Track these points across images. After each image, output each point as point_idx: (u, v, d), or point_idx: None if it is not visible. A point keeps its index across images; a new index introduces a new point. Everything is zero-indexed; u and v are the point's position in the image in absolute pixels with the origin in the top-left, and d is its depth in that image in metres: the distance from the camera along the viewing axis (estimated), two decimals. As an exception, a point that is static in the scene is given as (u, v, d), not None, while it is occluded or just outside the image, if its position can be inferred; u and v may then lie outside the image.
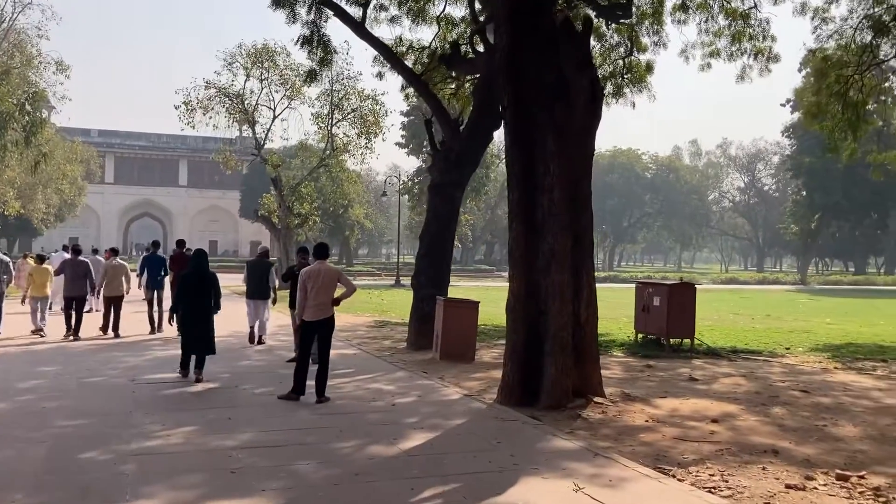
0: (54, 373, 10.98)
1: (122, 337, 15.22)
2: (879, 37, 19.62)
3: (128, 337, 15.30)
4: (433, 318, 13.88)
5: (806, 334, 19.26)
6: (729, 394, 10.22)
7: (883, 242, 76.94)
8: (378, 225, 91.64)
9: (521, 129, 9.33)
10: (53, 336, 15.05)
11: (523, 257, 9.30)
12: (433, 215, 14.95)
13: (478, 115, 15.61)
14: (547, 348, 9.10)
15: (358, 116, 36.12)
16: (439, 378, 10.99)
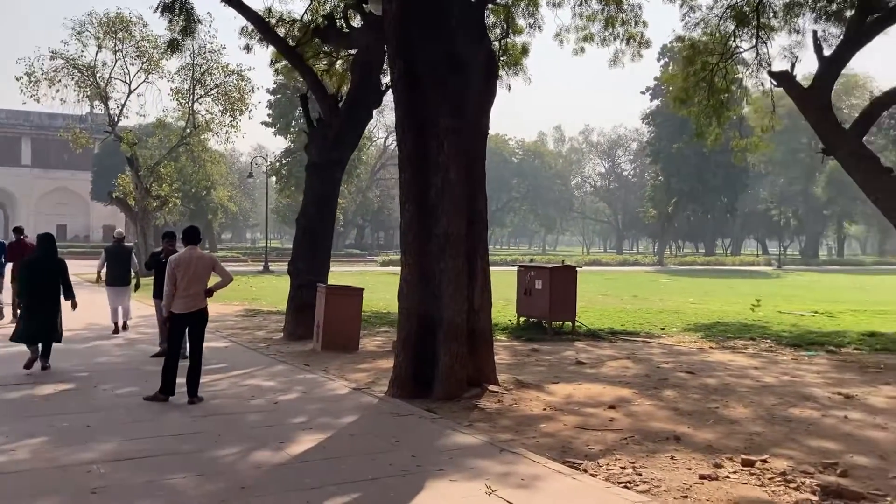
0: None
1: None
2: (741, 27, 20.42)
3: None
4: (312, 306, 13.13)
5: (675, 314, 19.90)
6: (619, 377, 10.15)
7: (730, 225, 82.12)
8: (243, 208, 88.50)
9: (412, 104, 8.76)
10: None
11: (416, 241, 8.77)
12: (311, 197, 14.14)
13: (357, 91, 14.91)
14: (441, 337, 8.63)
15: (222, 92, 34.28)
16: (323, 371, 10.31)
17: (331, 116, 14.33)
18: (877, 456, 6.50)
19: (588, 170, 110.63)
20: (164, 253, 10.42)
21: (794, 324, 17.69)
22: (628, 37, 20.08)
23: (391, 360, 11.01)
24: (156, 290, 10.95)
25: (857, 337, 14.88)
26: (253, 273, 40.49)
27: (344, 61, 19.02)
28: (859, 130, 16.94)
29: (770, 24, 20.51)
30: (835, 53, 16.59)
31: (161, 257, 10.44)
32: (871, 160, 16.35)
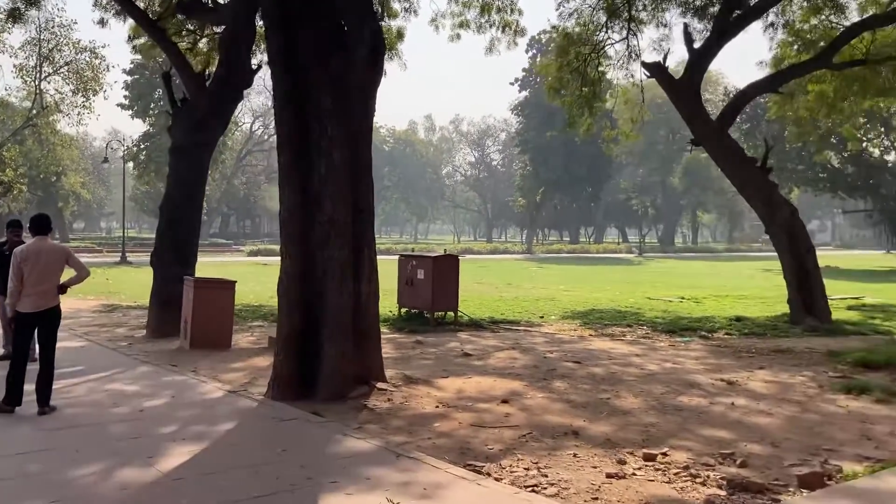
0: None
1: None
2: (613, 19, 20.82)
3: None
4: (179, 300, 12.17)
5: (551, 302, 20.10)
6: (508, 369, 9.92)
7: (594, 214, 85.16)
8: (97, 196, 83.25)
9: (293, 83, 8.09)
10: None
11: (298, 230, 8.13)
12: (176, 182, 13.09)
13: (225, 70, 13.91)
14: (326, 333, 8.06)
15: (73, 71, 31.72)
16: (193, 371, 9.47)
17: (198, 96, 13.30)
18: (768, 443, 6.53)
19: (459, 159, 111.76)
20: (9, 245, 9.22)
21: (665, 310, 18.24)
22: (504, 24, 20.06)
23: (268, 357, 10.35)
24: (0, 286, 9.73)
25: (725, 322, 15.47)
26: (109, 264, 37.95)
27: (210, 40, 17.87)
28: (725, 123, 17.62)
29: (640, 17, 21.05)
30: (703, 46, 17.13)
31: (5, 250, 9.24)
32: (736, 151, 17.03)
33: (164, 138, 48.16)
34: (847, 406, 7.99)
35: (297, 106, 8.11)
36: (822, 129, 24.93)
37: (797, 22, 19.94)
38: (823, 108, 21.49)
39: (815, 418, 7.48)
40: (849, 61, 17.81)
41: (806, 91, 20.56)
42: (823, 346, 12.42)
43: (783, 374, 9.85)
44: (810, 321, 14.77)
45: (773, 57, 21.32)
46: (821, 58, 17.71)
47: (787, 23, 19.84)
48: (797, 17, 19.89)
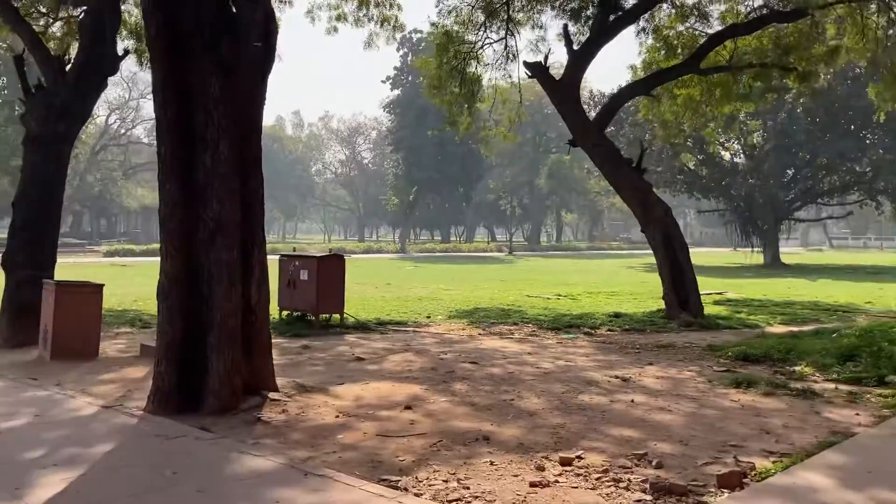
0: None
1: None
2: (491, 18, 20.92)
3: None
4: (35, 306, 11.04)
5: (434, 301, 19.92)
6: (404, 372, 9.57)
7: (464, 213, 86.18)
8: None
9: (174, 68, 7.39)
10: None
11: (180, 228, 7.44)
12: (32, 177, 11.85)
13: (87, 54, 12.79)
14: (212, 340, 7.42)
15: None
16: (57, 385, 8.52)
17: (56, 83, 12.13)
18: (677, 441, 6.53)
19: (329, 157, 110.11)
20: None
21: (546, 307, 18.47)
22: (383, 19, 19.71)
23: (142, 367, 9.56)
24: None
25: (605, 318, 15.80)
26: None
27: (66, 23, 16.44)
28: (601, 124, 18.05)
29: (517, 18, 21.27)
30: (582, 47, 17.46)
31: None
32: (613, 152, 17.45)
33: (10, 129, 44.45)
34: (739, 400, 8.19)
35: (180, 92, 7.42)
36: (686, 132, 26.09)
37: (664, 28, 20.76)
38: (688, 112, 22.49)
39: (713, 413, 7.59)
40: (714, 67, 18.69)
41: (673, 95, 21.44)
42: (701, 340, 12.89)
43: (671, 370, 10.06)
44: (685, 316, 15.33)
45: (642, 61, 22.12)
46: (689, 62, 18.46)
47: (657, 28, 20.61)
48: (664, 24, 20.69)
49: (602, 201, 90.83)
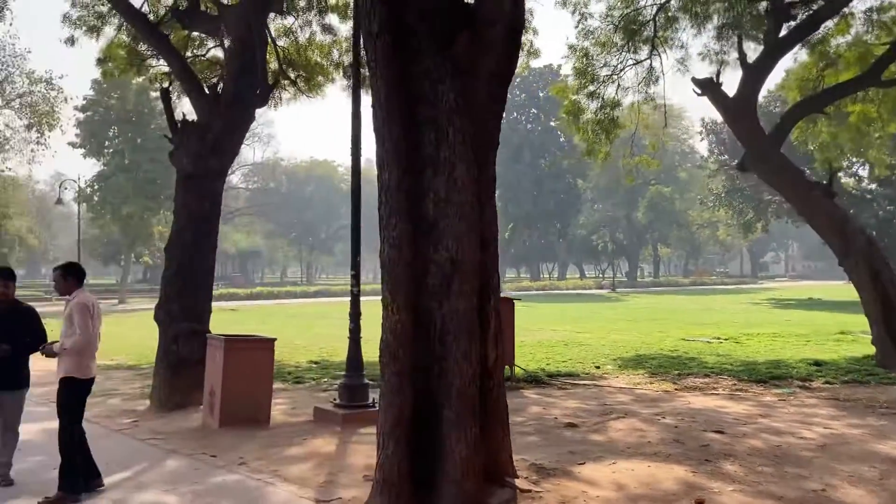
0: None
1: None
2: (635, 40, 19.28)
3: None
4: (193, 363, 9.88)
5: (581, 348, 18.05)
6: (644, 446, 7.78)
7: (557, 249, 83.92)
8: (41, 241, 78.79)
9: (400, 75, 5.96)
10: None
11: (407, 274, 5.93)
12: (186, 218, 10.74)
13: (235, 85, 11.74)
14: (449, 414, 5.83)
15: (27, 104, 28.90)
16: (241, 464, 7.10)
17: (211, 116, 11.07)
18: None
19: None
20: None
21: (716, 353, 16.37)
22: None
23: (326, 438, 8.15)
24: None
25: (805, 367, 13.64)
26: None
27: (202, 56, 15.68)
28: (775, 144, 16.05)
29: (665, 37, 19.55)
30: (758, 62, 15.59)
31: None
32: (800, 175, 15.42)
33: (119, 179, 45.19)
34: None
35: (407, 106, 5.98)
36: (846, 153, 23.66)
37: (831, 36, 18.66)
38: (852, 132, 20.21)
39: None
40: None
41: (842, 112, 19.24)
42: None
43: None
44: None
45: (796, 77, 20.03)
46: (868, 75, 16.33)
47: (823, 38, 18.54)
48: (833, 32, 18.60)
49: (702, 234, 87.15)
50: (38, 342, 6.33)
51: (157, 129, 47.61)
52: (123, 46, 16.56)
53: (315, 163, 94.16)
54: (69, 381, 6.21)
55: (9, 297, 6.27)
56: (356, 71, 9.91)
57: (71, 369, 6.22)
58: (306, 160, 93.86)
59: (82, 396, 6.34)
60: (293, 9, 16.13)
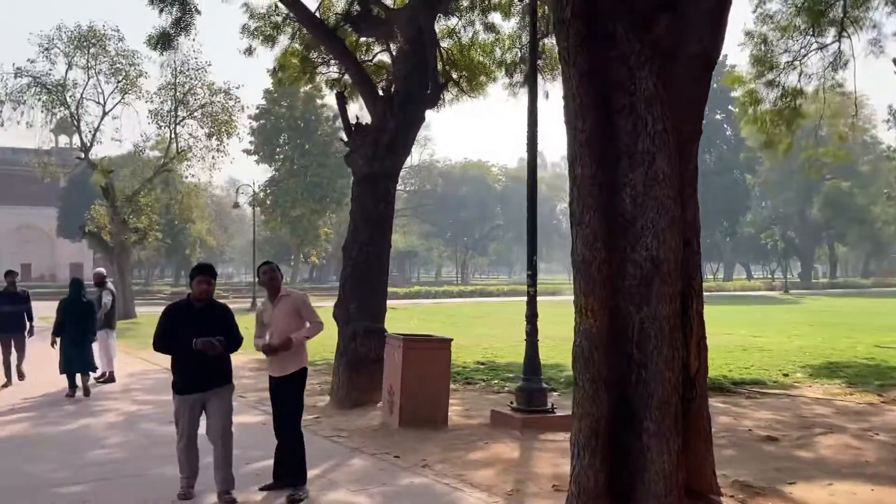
0: None
1: None
2: (821, 22, 17.78)
3: None
4: (371, 361, 9.96)
5: (763, 353, 16.82)
6: (860, 466, 6.98)
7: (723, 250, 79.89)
8: (219, 242, 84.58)
9: (594, 63, 5.61)
10: None
11: (603, 274, 5.57)
12: (362, 218, 10.92)
13: (405, 86, 11.81)
14: (649, 425, 5.41)
15: (207, 114, 30.89)
16: (424, 466, 7.01)
17: (384, 117, 11.19)
18: None
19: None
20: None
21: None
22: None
23: (508, 442, 7.88)
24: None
25: None
26: (241, 311, 36.77)
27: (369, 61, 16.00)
28: None
29: (855, 17, 17.91)
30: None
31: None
32: None
33: (289, 183, 47.68)
34: None
35: (601, 92, 5.63)
36: None
37: None
38: None
39: None
40: None
41: None
42: None
43: None
44: None
45: None
46: None
47: None
48: None
49: (887, 231, 79.93)
50: (234, 339, 6.19)
51: (323, 135, 49.93)
52: (296, 55, 17.23)
53: (469, 164, 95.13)
54: (305, 373, 6.41)
55: (210, 294, 6.19)
56: (533, 65, 9.65)
57: (305, 360, 6.42)
58: (461, 161, 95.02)
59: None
60: (456, 9, 16.14)
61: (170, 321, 6.04)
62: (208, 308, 6.12)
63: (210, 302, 6.16)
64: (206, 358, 5.83)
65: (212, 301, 6.21)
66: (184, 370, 5.98)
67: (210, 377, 5.99)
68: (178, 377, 6.01)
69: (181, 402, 5.97)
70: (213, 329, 5.97)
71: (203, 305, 6.08)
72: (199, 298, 6.07)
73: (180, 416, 5.98)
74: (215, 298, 6.37)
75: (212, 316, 6.12)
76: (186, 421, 5.96)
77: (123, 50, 29.69)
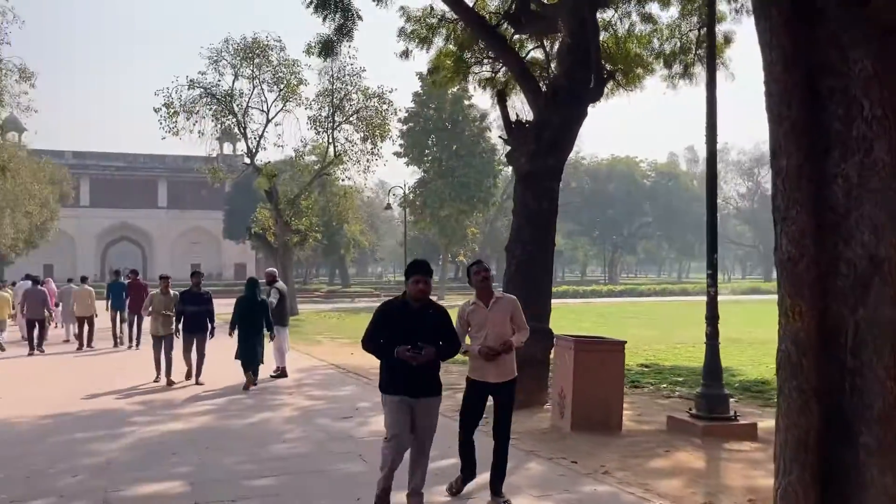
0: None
1: (93, 348, 18.22)
2: None
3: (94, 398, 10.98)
4: (537, 363, 9.78)
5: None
6: None
7: None
8: (370, 242, 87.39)
9: (799, 40, 5.17)
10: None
11: (812, 273, 5.11)
12: (525, 217, 10.77)
13: (567, 81, 11.53)
14: (868, 440, 4.88)
15: (362, 118, 31.86)
16: (604, 473, 6.75)
17: (546, 113, 11.00)
18: None
19: (729, 190, 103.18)
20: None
21: None
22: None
23: (690, 451, 7.46)
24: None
25: None
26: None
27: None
28: None
29: None
30: None
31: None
32: None
33: (437, 184, 48.36)
34: None
35: (805, 78, 5.17)
36: None
37: None
38: None
39: None
40: None
41: None
42: None
43: None
44: None
45: None
46: None
47: None
48: None
49: None
50: (452, 345, 5.75)
51: (470, 135, 50.31)
52: (450, 56, 17.39)
53: (616, 160, 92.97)
54: (517, 380, 6.22)
55: (427, 294, 5.61)
56: (711, 52, 9.15)
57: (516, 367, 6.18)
58: (607, 158, 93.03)
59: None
60: (612, 1, 15.70)
61: (383, 320, 5.63)
62: (425, 309, 5.63)
63: (427, 303, 5.65)
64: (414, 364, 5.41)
65: (429, 301, 5.68)
66: (393, 372, 5.54)
67: (419, 384, 5.52)
68: (388, 377, 5.61)
69: (389, 401, 5.56)
70: (430, 332, 5.53)
71: (420, 306, 5.59)
72: (416, 299, 5.56)
73: (389, 415, 5.57)
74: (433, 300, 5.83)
75: (428, 318, 5.61)
76: (395, 421, 5.50)
77: (285, 59, 31.15)
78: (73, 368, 15.18)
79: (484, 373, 6.06)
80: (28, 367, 15.25)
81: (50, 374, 14.13)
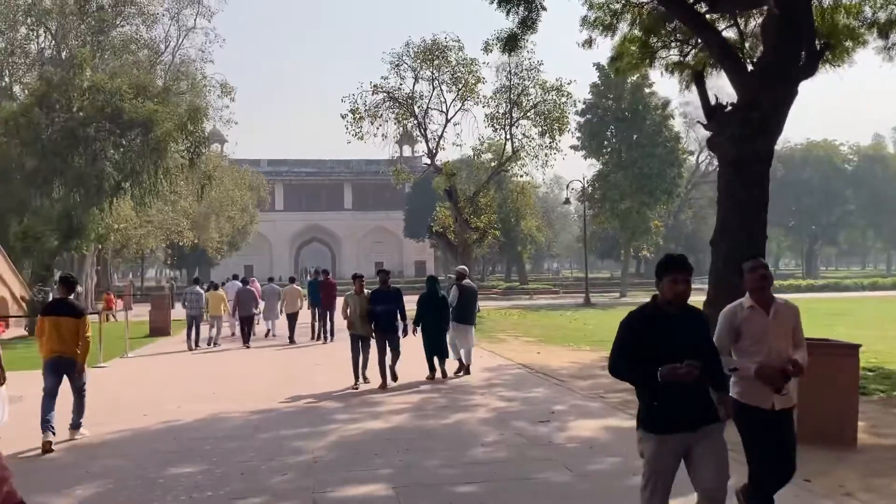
0: (186, 482, 6.89)
1: (296, 343, 19.71)
2: None
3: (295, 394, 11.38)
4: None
5: None
6: None
7: None
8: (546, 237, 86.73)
9: None
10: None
11: None
12: (731, 206, 9.95)
13: (778, 59, 10.50)
14: None
15: (540, 112, 31.46)
16: (845, 494, 5.95)
17: (753, 94, 10.07)
18: None
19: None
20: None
21: None
22: None
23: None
24: None
25: None
26: (572, 306, 37.03)
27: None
28: None
29: None
30: None
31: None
32: None
33: (616, 176, 47.02)
34: None
35: None
36: None
37: None
38: None
39: None
40: None
41: None
42: None
43: None
44: None
45: None
46: None
47: None
48: None
49: None
50: (717, 363, 4.51)
51: (651, 124, 48.46)
52: (635, 41, 16.61)
53: (813, 144, 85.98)
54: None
55: (687, 296, 4.32)
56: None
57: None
58: (802, 142, 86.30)
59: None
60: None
61: (635, 336, 4.30)
62: (683, 315, 4.36)
63: (685, 307, 4.37)
64: (689, 385, 4.09)
65: (686, 306, 4.37)
66: (659, 401, 4.21)
67: (698, 411, 4.24)
68: (649, 410, 4.27)
69: (655, 443, 4.22)
70: (695, 344, 4.29)
71: (678, 311, 4.33)
72: (674, 302, 4.30)
73: (653, 461, 4.25)
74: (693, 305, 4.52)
75: (690, 325, 4.37)
76: (663, 470, 4.24)
77: (463, 59, 31.36)
78: (277, 363, 16.00)
79: (764, 397, 4.88)
80: (238, 362, 16.27)
81: (256, 369, 14.93)
